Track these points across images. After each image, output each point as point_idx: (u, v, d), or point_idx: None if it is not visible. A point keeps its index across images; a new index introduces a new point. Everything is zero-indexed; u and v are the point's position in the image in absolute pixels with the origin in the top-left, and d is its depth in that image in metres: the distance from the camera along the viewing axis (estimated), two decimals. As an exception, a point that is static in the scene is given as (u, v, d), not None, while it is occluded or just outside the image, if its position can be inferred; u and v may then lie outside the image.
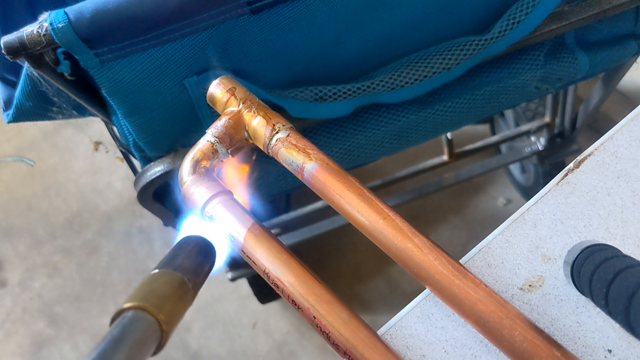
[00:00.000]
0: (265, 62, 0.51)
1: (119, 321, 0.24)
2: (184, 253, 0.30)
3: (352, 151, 0.65)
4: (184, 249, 0.31)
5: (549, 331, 0.33)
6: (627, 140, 0.41)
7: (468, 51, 0.55)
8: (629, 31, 0.66)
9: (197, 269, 0.30)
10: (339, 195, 0.33)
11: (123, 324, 0.24)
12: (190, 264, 0.29)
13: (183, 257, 0.30)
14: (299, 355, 1.22)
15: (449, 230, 1.33)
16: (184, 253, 0.30)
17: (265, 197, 0.73)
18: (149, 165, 0.58)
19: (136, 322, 0.24)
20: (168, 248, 1.31)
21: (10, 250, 1.46)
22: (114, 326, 0.24)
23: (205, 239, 0.32)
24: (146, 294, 0.26)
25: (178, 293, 0.27)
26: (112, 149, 1.61)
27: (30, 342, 1.31)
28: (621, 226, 0.37)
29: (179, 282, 0.28)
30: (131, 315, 0.24)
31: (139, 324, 0.24)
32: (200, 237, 0.32)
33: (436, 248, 0.31)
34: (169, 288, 0.27)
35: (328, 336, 0.30)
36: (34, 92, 0.53)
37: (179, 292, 0.27)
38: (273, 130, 0.36)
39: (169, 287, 0.27)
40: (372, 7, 0.50)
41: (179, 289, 0.27)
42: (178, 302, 0.27)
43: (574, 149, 1.09)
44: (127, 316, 0.24)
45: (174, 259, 0.29)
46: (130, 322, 0.24)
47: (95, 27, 0.41)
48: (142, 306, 0.25)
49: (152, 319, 0.25)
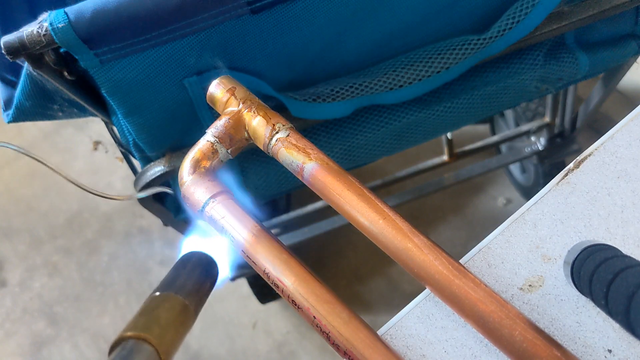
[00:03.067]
0: (265, 62, 0.51)
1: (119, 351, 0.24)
2: (185, 272, 0.30)
3: (352, 151, 0.65)
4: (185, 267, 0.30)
5: (549, 331, 0.33)
6: (627, 140, 0.41)
7: (467, 50, 0.55)
8: (629, 31, 0.66)
9: (199, 289, 0.29)
10: (339, 195, 0.33)
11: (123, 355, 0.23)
12: (192, 285, 0.29)
13: (185, 277, 0.29)
14: (299, 355, 1.22)
15: (449, 230, 1.33)
16: (186, 272, 0.30)
17: (266, 198, 0.73)
18: (149, 165, 0.58)
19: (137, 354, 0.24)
20: (168, 248, 1.31)
21: (10, 250, 1.46)
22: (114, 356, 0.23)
23: (207, 254, 0.32)
24: (148, 323, 0.25)
25: (180, 319, 0.27)
26: (112, 149, 1.61)
27: (30, 342, 1.31)
28: (621, 226, 0.37)
29: (181, 307, 0.27)
30: (131, 346, 0.24)
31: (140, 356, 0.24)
32: (202, 254, 0.32)
33: (436, 248, 0.31)
34: (171, 315, 0.27)
35: (328, 336, 0.30)
36: (34, 91, 0.53)
37: (181, 318, 0.27)
38: (273, 130, 0.36)
39: (171, 314, 0.27)
40: (372, 8, 0.50)
41: (181, 314, 0.27)
42: (180, 328, 0.26)
43: (574, 149, 1.09)
44: (127, 347, 0.24)
45: (175, 280, 0.29)
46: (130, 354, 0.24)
47: (95, 27, 0.41)
48: (143, 337, 0.24)
49: (153, 350, 0.24)
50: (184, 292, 0.28)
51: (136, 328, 0.25)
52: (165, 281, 0.29)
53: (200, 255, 0.32)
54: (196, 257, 0.32)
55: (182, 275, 0.30)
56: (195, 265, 0.31)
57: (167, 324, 0.26)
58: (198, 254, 0.32)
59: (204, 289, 0.30)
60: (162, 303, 0.27)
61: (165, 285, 0.29)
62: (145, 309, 0.27)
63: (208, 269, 0.31)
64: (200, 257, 0.32)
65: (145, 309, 0.27)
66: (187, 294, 0.28)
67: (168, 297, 0.28)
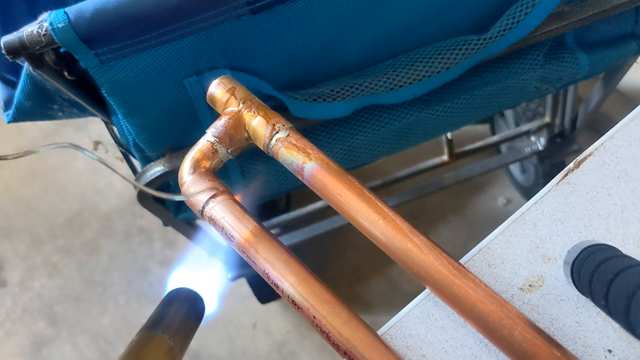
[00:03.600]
0: (265, 62, 0.51)
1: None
2: (172, 310, 0.30)
3: (352, 151, 0.65)
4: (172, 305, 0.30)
5: (549, 331, 0.33)
6: (627, 140, 0.41)
7: (467, 50, 0.55)
8: (629, 31, 0.66)
9: (185, 327, 0.29)
10: (339, 195, 0.33)
11: None
12: (178, 323, 0.29)
13: (171, 315, 0.30)
14: (299, 355, 1.22)
15: (449, 230, 1.33)
16: (172, 310, 0.30)
17: (265, 197, 0.73)
18: (149, 165, 0.58)
19: None
20: (168, 248, 1.31)
21: (10, 250, 1.46)
22: None
23: (193, 291, 0.32)
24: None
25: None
26: (112, 149, 1.61)
27: (30, 342, 1.31)
28: (621, 226, 0.37)
29: (166, 349, 0.27)
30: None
31: None
32: (188, 290, 0.32)
33: (436, 248, 0.31)
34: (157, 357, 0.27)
35: (328, 336, 0.30)
36: (34, 91, 0.53)
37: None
38: (273, 130, 0.36)
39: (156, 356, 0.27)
40: (372, 8, 0.50)
41: (167, 356, 0.27)
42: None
43: (574, 149, 1.09)
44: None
45: (162, 319, 0.29)
46: None
47: (95, 27, 0.41)
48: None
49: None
50: (169, 332, 0.28)
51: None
52: (151, 320, 0.29)
53: (187, 292, 0.32)
54: (182, 294, 0.32)
55: (169, 314, 0.30)
56: (182, 303, 0.31)
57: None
58: (184, 291, 0.32)
59: (189, 326, 0.30)
60: (146, 345, 0.27)
61: (150, 325, 0.29)
62: (132, 351, 0.27)
63: (195, 305, 0.32)
64: (187, 294, 0.32)
65: (131, 351, 0.27)
66: (173, 334, 0.28)
67: (153, 338, 0.28)
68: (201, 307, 0.32)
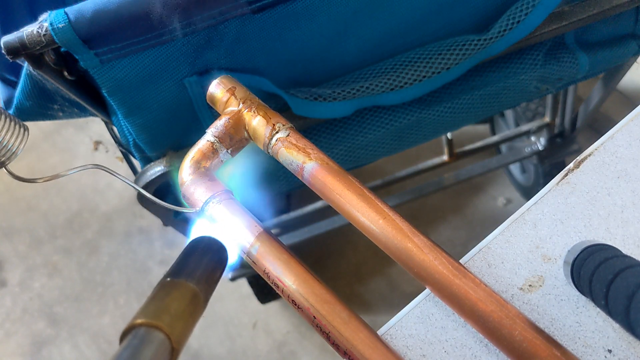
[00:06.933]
0: (266, 61, 0.51)
1: (130, 339, 0.23)
2: (195, 258, 0.29)
3: (353, 151, 0.65)
4: (195, 253, 0.30)
5: (549, 331, 0.33)
6: (627, 140, 0.41)
7: (467, 50, 0.55)
8: (629, 31, 0.66)
9: (209, 276, 0.29)
10: (339, 195, 0.33)
11: (135, 344, 0.23)
12: (202, 271, 0.28)
13: (195, 262, 0.29)
14: (299, 355, 1.22)
15: (449, 230, 1.33)
16: (196, 258, 0.29)
17: (265, 197, 0.73)
18: (149, 165, 0.58)
19: (149, 342, 0.24)
20: (168, 248, 1.31)
21: (10, 250, 1.46)
22: (126, 344, 0.23)
23: (216, 239, 0.31)
24: (158, 311, 0.25)
25: (190, 308, 0.26)
26: (112, 149, 1.61)
27: (30, 342, 1.31)
28: (621, 226, 0.37)
29: (191, 295, 0.27)
30: (143, 334, 0.24)
31: (152, 344, 0.24)
32: (211, 238, 0.31)
33: (436, 248, 0.31)
34: (182, 304, 0.26)
35: (328, 336, 0.30)
36: (34, 91, 0.53)
37: (191, 307, 0.27)
38: (273, 130, 0.36)
39: (182, 303, 0.26)
40: (372, 7, 0.50)
41: (192, 303, 0.27)
42: (189, 318, 0.26)
43: (574, 149, 1.09)
44: (139, 334, 0.24)
45: (185, 266, 0.28)
46: (142, 342, 0.23)
47: (95, 27, 0.41)
48: (155, 324, 0.24)
49: (165, 338, 0.24)
50: (194, 279, 0.28)
51: (147, 315, 0.24)
52: (175, 267, 0.28)
53: (210, 240, 0.31)
54: (205, 242, 0.31)
55: (192, 261, 0.29)
56: (205, 251, 0.30)
57: (178, 313, 0.25)
58: (207, 239, 0.31)
59: (214, 275, 0.29)
60: (172, 291, 0.27)
61: (175, 271, 0.28)
62: (155, 297, 0.26)
63: (218, 254, 0.31)
64: (210, 242, 0.31)
65: (156, 296, 0.26)
66: (197, 281, 0.28)
67: (178, 284, 0.27)
68: (224, 256, 0.31)
